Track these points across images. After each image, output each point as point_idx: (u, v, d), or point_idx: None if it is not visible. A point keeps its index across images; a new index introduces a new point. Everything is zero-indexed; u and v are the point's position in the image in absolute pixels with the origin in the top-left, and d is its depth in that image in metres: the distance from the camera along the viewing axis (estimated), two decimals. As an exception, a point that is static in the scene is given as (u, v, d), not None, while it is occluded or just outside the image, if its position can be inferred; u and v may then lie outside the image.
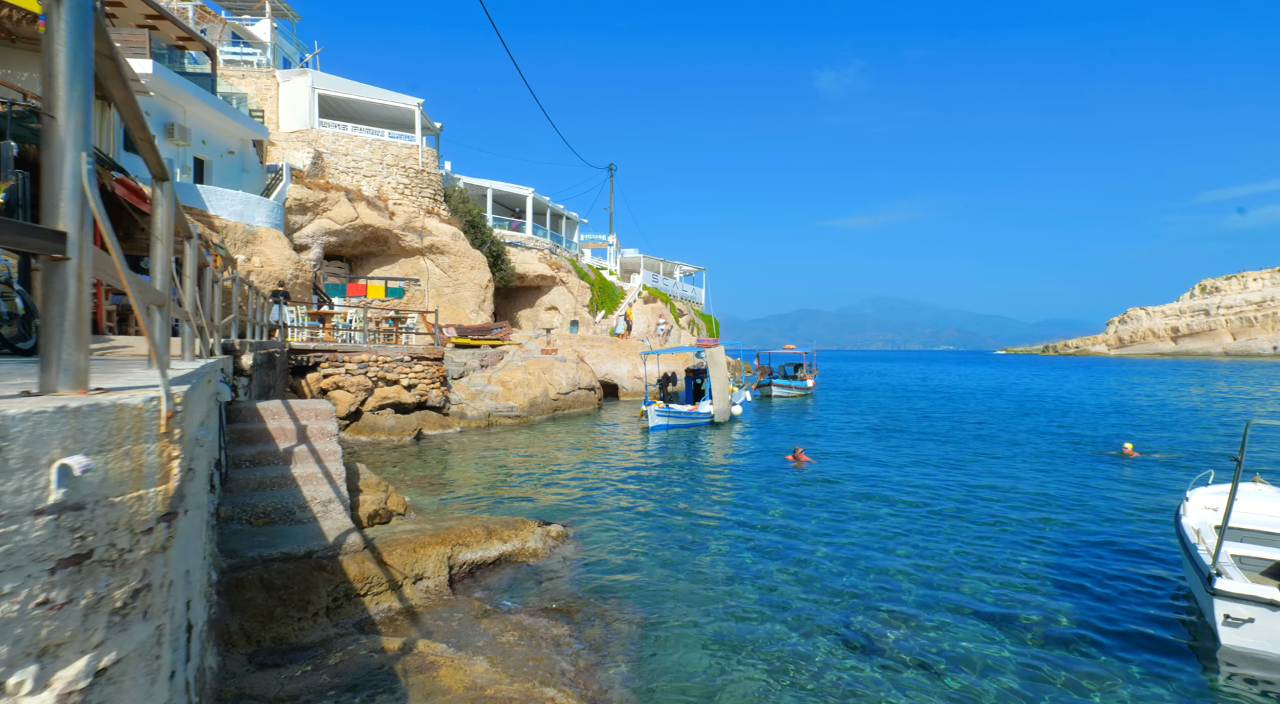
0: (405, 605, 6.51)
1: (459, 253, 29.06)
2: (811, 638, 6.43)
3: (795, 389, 35.51)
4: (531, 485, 12.94)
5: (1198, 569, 6.44)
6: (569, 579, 7.88)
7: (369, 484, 9.01)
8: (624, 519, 10.55)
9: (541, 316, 38.59)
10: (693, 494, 12.33)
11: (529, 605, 6.96)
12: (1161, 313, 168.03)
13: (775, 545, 9.24)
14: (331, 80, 26.92)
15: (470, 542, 8.04)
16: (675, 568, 8.29)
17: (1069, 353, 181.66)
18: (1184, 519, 7.61)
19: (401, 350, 19.02)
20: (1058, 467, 15.26)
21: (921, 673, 5.77)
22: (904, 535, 9.73)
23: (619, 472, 14.40)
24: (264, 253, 19.29)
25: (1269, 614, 5.71)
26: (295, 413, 8.34)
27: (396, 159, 27.87)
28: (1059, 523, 10.51)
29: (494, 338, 26.07)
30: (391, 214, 27.17)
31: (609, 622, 6.69)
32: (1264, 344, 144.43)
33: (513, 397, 22.24)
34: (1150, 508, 11.50)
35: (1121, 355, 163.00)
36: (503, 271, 33.52)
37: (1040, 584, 7.88)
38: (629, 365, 30.94)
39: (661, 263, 52.95)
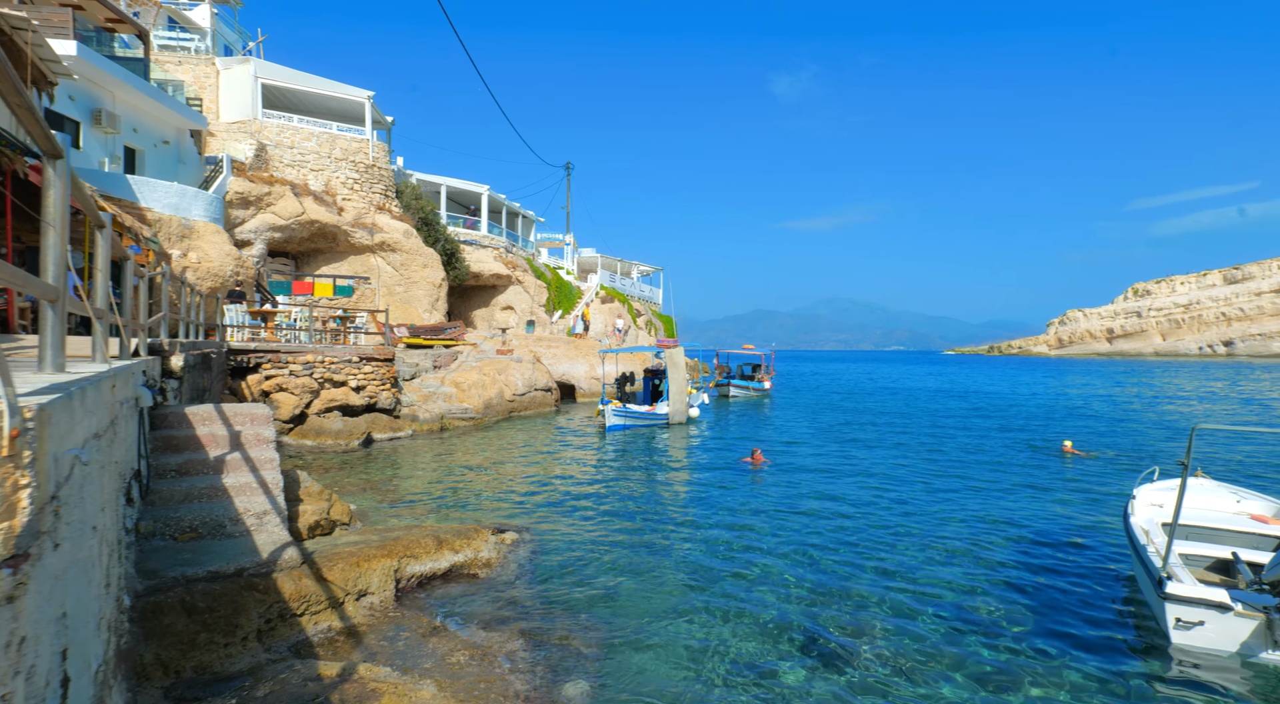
0: (347, 625, 6.08)
1: (411, 250, 28.26)
2: (772, 646, 6.24)
3: (753, 390, 35.65)
4: (486, 490, 12.52)
5: (1148, 571, 6.47)
6: (524, 590, 7.54)
7: (310, 493, 8.49)
8: (581, 524, 10.24)
9: (497, 316, 37.89)
10: (651, 497, 12.09)
11: (482, 620, 6.60)
12: (1098, 315, 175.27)
13: (734, 549, 9.06)
14: (276, 69, 25.85)
15: (419, 553, 7.62)
16: (634, 575, 8.02)
17: (1012, 353, 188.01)
18: (1132, 518, 7.68)
19: (350, 351, 18.30)
20: (1003, 466, 15.51)
21: (878, 678, 5.62)
22: (854, 544, 9.65)
23: (576, 475, 14.07)
24: (202, 248, 18.32)
25: (1218, 616, 5.75)
26: (229, 418, 7.79)
27: (346, 153, 26.93)
28: (1006, 523, 10.59)
29: (448, 338, 25.40)
30: (340, 210, 26.23)
31: (566, 634, 6.39)
32: (1190, 345, 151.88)
33: (467, 398, 21.67)
34: (1092, 505, 11.70)
35: (1061, 355, 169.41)
36: (457, 270, 32.77)
37: (991, 586, 7.86)
38: (586, 366, 30.57)
39: (619, 263, 52.68)
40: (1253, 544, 7.23)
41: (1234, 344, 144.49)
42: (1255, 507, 7.96)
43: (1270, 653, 5.69)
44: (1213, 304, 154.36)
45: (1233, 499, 8.14)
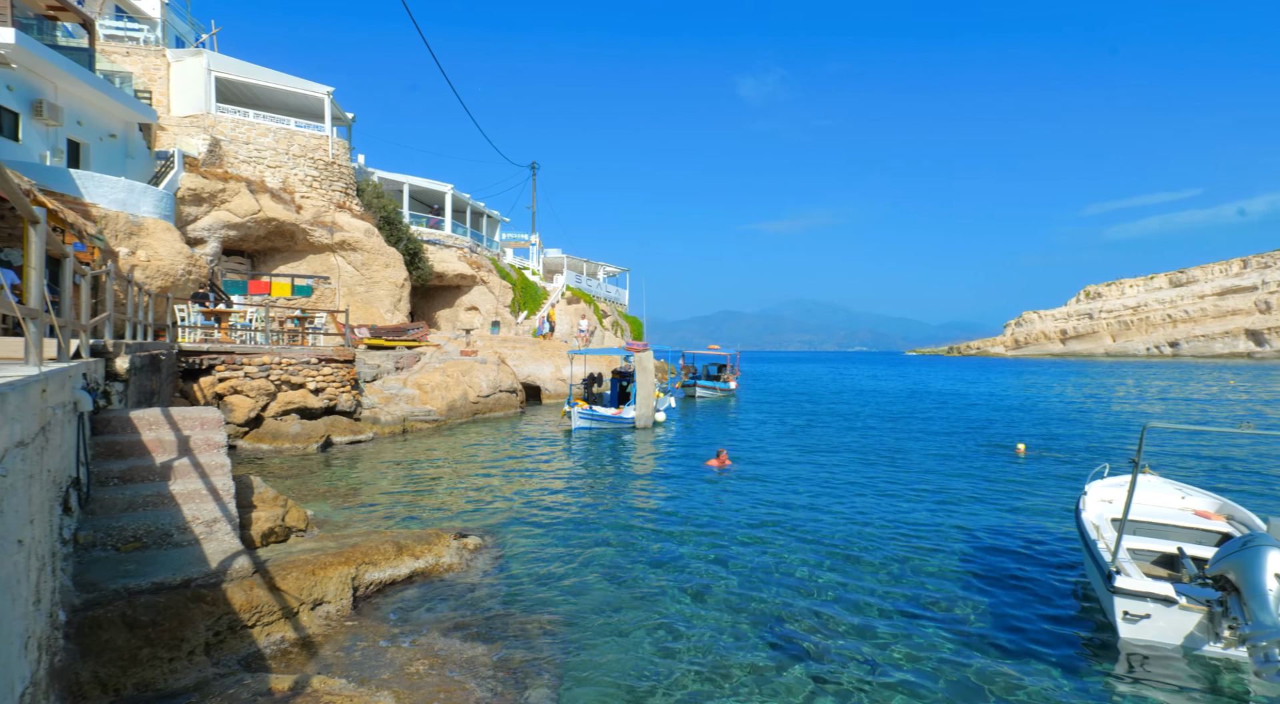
0: (301, 635, 5.89)
1: (373, 250, 27.72)
2: (736, 649, 6.23)
3: (718, 390, 35.83)
4: (449, 494, 12.31)
5: (1098, 566, 6.62)
6: (487, 595, 7.40)
7: (264, 499, 8.23)
8: (546, 528, 10.12)
9: (461, 317, 37.41)
10: (617, 500, 12.02)
11: (443, 627, 6.46)
12: (1052, 316, 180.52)
13: (700, 551, 9.04)
14: (230, 63, 25.11)
15: (378, 559, 7.44)
16: (599, 580, 7.94)
17: (971, 354, 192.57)
18: (1084, 514, 7.86)
19: (308, 352, 17.85)
20: (959, 466, 15.82)
21: (836, 675, 5.65)
22: (815, 543, 9.73)
23: (541, 478, 13.93)
24: (151, 246, 17.68)
25: (1164, 609, 5.91)
26: (177, 422, 7.50)
27: (304, 149, 26.29)
28: (961, 521, 10.78)
29: (410, 339, 24.97)
30: (299, 207, 25.60)
31: (530, 640, 6.29)
32: (1139, 346, 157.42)
33: (430, 400, 21.32)
34: (1044, 505, 11.99)
35: (1017, 356, 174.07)
36: (420, 270, 32.26)
37: (948, 584, 7.98)
38: (552, 367, 30.35)
39: (585, 263, 52.49)
40: (1197, 539, 7.46)
41: (1179, 345, 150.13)
42: (1200, 503, 8.23)
43: (1212, 646, 5.85)
44: (1159, 306, 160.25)
45: (1179, 496, 8.40)
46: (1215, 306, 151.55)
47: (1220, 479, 14.08)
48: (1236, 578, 5.58)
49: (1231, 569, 5.66)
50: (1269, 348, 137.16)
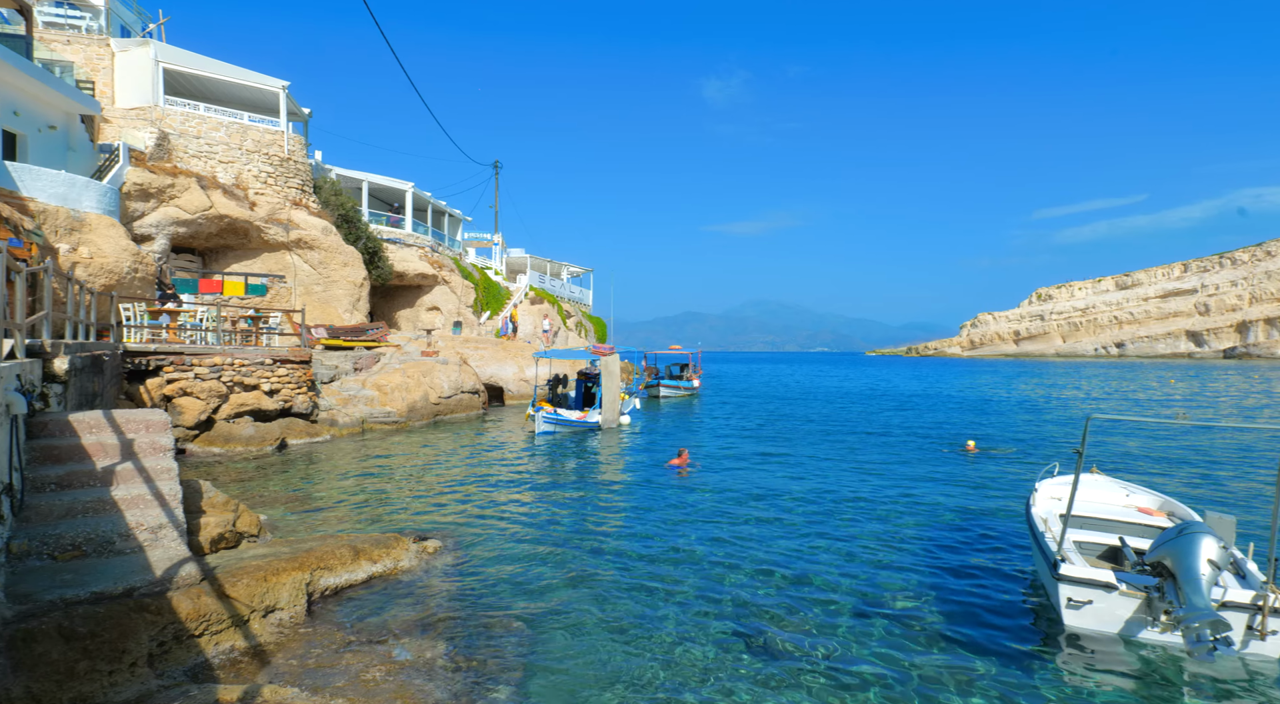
0: (253, 644, 5.71)
1: (330, 248, 27.10)
2: (697, 642, 6.24)
3: (682, 389, 35.96)
4: (409, 497, 12.09)
5: (1045, 556, 6.82)
6: (447, 598, 7.28)
7: (214, 503, 7.96)
8: (508, 530, 10.01)
9: (422, 317, 36.84)
10: (580, 502, 11.95)
11: (401, 632, 6.32)
12: (1006, 317, 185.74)
13: (661, 551, 9.04)
14: (180, 54, 24.28)
15: (334, 564, 7.26)
16: (562, 582, 7.87)
17: (929, 354, 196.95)
18: (1034, 509, 8.09)
19: (263, 352, 17.37)
20: (914, 465, 16.13)
21: (794, 670, 5.70)
22: (773, 540, 9.82)
23: (504, 480, 13.78)
24: (94, 242, 16.98)
25: (1105, 596, 6.10)
26: (120, 425, 7.21)
27: (258, 145, 25.57)
28: (916, 520, 10.97)
29: (369, 339, 24.49)
30: (253, 204, 24.89)
31: (492, 641, 6.20)
32: (1087, 346, 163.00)
33: (390, 401, 20.94)
34: (994, 501, 12.29)
35: (973, 356, 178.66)
36: (380, 269, 31.67)
37: (903, 577, 8.12)
38: (515, 367, 30.09)
39: (549, 263, 52.20)
40: (1139, 533, 7.74)
41: (1125, 346, 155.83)
42: (1142, 500, 8.54)
43: (1150, 629, 6.06)
44: (1106, 308, 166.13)
45: (1123, 493, 8.71)
46: (1158, 309, 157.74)
47: (1159, 471, 14.63)
48: (1172, 564, 5.79)
49: (1168, 556, 5.87)
50: (1208, 348, 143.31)
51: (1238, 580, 6.07)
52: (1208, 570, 5.57)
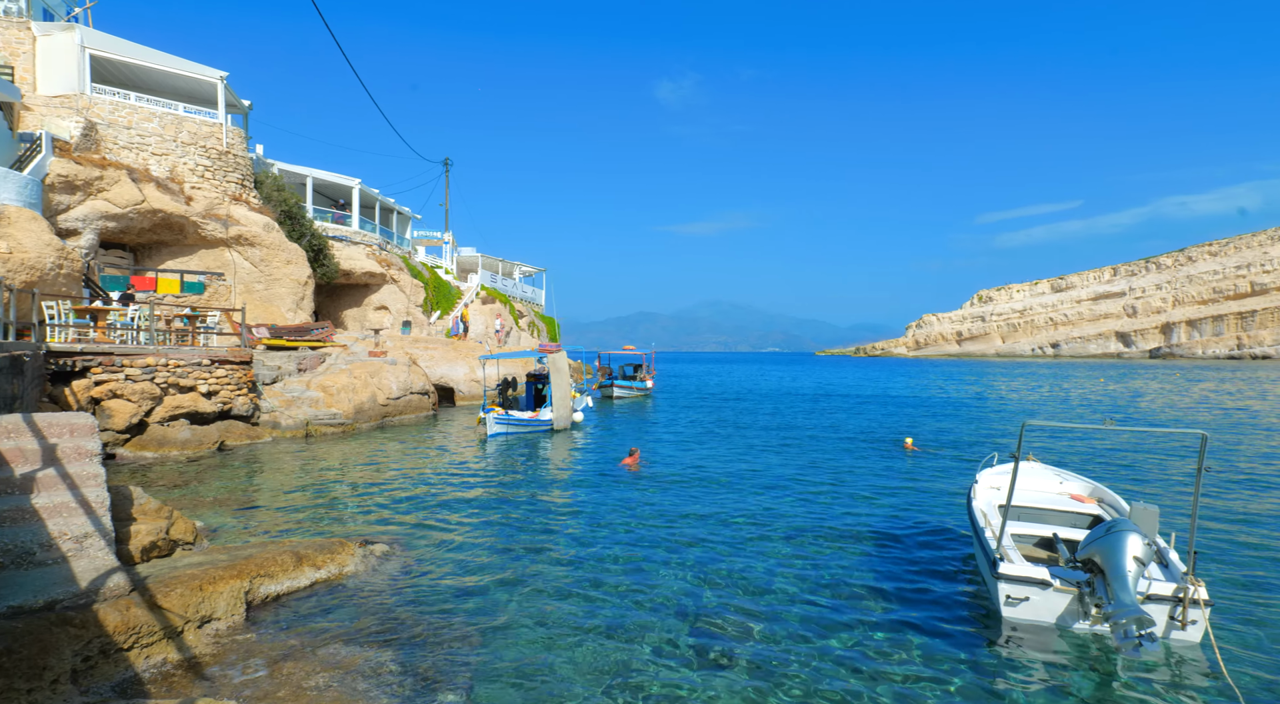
0: (187, 656, 5.48)
1: (272, 245, 26.22)
2: (648, 645, 6.24)
3: (635, 390, 36.01)
4: (355, 500, 11.78)
5: (985, 553, 7.06)
6: (395, 603, 7.12)
7: (146, 510, 7.61)
8: (459, 534, 9.85)
9: (370, 317, 35.98)
10: (531, 506, 11.84)
11: (346, 638, 6.16)
12: (949, 319, 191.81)
13: (612, 552, 9.01)
14: (109, 40, 23.14)
15: (275, 571, 7.03)
16: (513, 586, 7.78)
17: (876, 354, 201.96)
18: (974, 502, 8.36)
19: (199, 352, 16.69)
20: (858, 462, 16.52)
21: (739, 669, 5.77)
22: (719, 541, 9.92)
23: (454, 482, 13.56)
24: (13, 236, 16.04)
25: (1040, 592, 6.36)
26: (42, 429, 6.83)
27: (195, 137, 24.55)
28: (858, 516, 11.23)
29: (314, 339, 23.79)
30: (189, 199, 23.90)
31: (441, 646, 6.09)
32: (1025, 346, 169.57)
33: (335, 403, 20.38)
34: (930, 498, 12.67)
35: (918, 356, 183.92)
36: (325, 267, 30.80)
37: (847, 574, 8.29)
38: (466, 368, 29.65)
39: (500, 263, 51.61)
40: (1071, 523, 8.07)
41: (1060, 346, 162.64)
42: (1075, 487, 8.92)
43: (1082, 623, 6.35)
44: (1043, 310, 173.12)
45: (1057, 481, 9.09)
46: (1090, 311, 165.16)
47: (1093, 465, 15.31)
48: (1101, 561, 6.07)
49: (1097, 553, 6.15)
50: (1135, 348, 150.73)
51: (1161, 571, 6.39)
52: (1134, 567, 5.84)
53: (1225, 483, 13.62)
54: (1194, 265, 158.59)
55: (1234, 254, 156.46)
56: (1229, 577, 8.07)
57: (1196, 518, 6.14)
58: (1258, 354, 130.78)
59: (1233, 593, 7.56)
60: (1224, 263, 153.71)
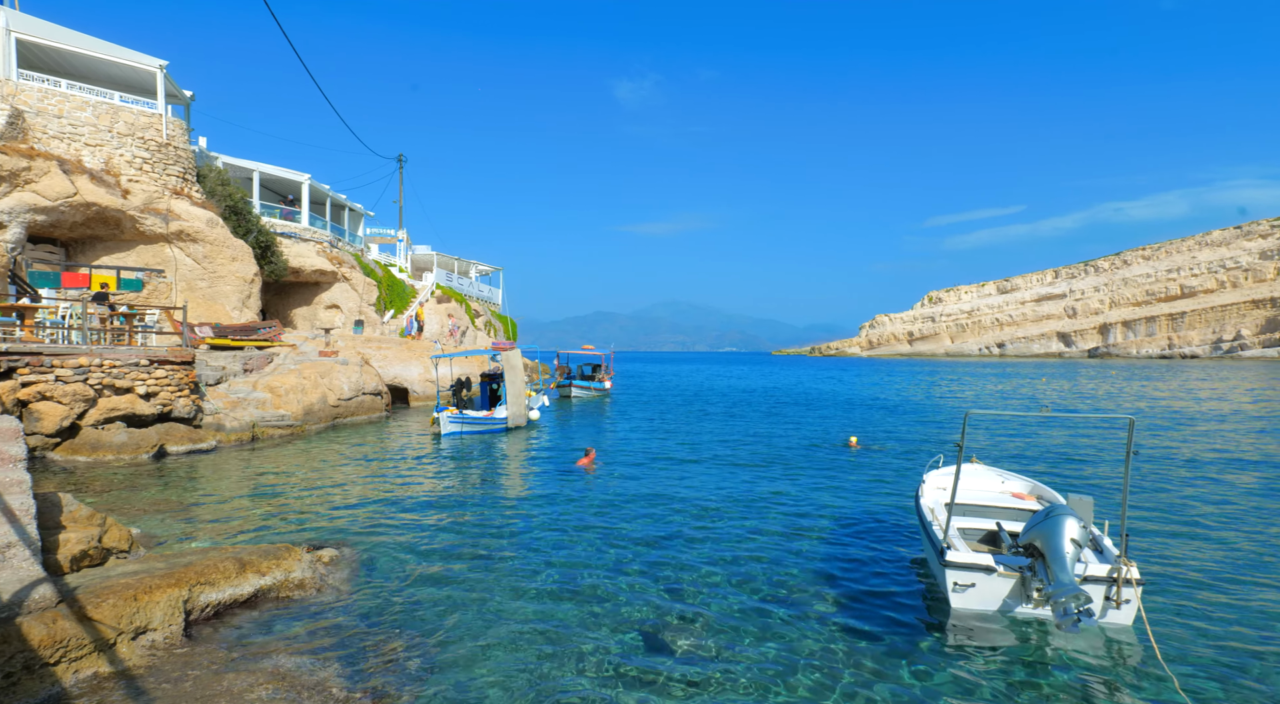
0: (120, 669, 5.24)
1: (217, 241, 25.33)
2: (606, 650, 6.22)
3: (594, 390, 35.92)
4: (303, 504, 11.45)
5: (933, 544, 7.27)
6: (344, 611, 6.94)
7: (76, 518, 7.26)
8: (412, 538, 9.65)
9: (321, 315, 35.07)
10: (487, 507, 11.68)
11: (292, 648, 5.97)
12: (901, 319, 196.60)
13: (566, 557, 8.93)
14: (36, 24, 22.03)
15: (216, 579, 6.77)
16: (467, 590, 7.65)
17: (831, 354, 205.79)
18: (922, 500, 8.60)
19: (137, 352, 16.02)
20: (807, 460, 16.78)
21: (702, 668, 5.80)
22: (672, 539, 9.96)
23: (407, 485, 13.30)
24: (-67, 230, 15.15)
25: (986, 577, 6.58)
26: (-40, 433, 6.44)
27: (132, 128, 23.55)
28: (805, 514, 11.32)
29: (261, 338, 23.07)
30: (126, 192, 22.91)
31: (391, 655, 5.95)
32: (973, 346, 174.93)
33: (284, 404, 19.80)
34: (874, 493, 12.94)
35: (871, 356, 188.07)
36: (273, 265, 29.91)
37: (797, 570, 8.39)
38: (420, 368, 29.15)
39: (456, 261, 50.90)
40: (1013, 518, 8.37)
41: (1005, 346, 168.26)
42: (1016, 486, 9.24)
43: (1025, 606, 6.60)
44: (989, 311, 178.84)
45: (999, 481, 9.40)
46: (1034, 312, 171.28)
47: (1031, 460, 15.88)
48: (1042, 545, 6.33)
49: (1038, 537, 6.41)
50: (1075, 348, 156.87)
51: (1096, 556, 6.67)
52: (1071, 549, 6.12)
53: (1155, 473, 14.27)
54: (1129, 269, 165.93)
55: (1165, 258, 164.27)
56: (1159, 558, 8.45)
57: (1127, 500, 6.42)
58: (1186, 353, 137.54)
59: (1163, 572, 7.92)
60: (1156, 266, 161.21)
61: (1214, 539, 9.61)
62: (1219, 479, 13.88)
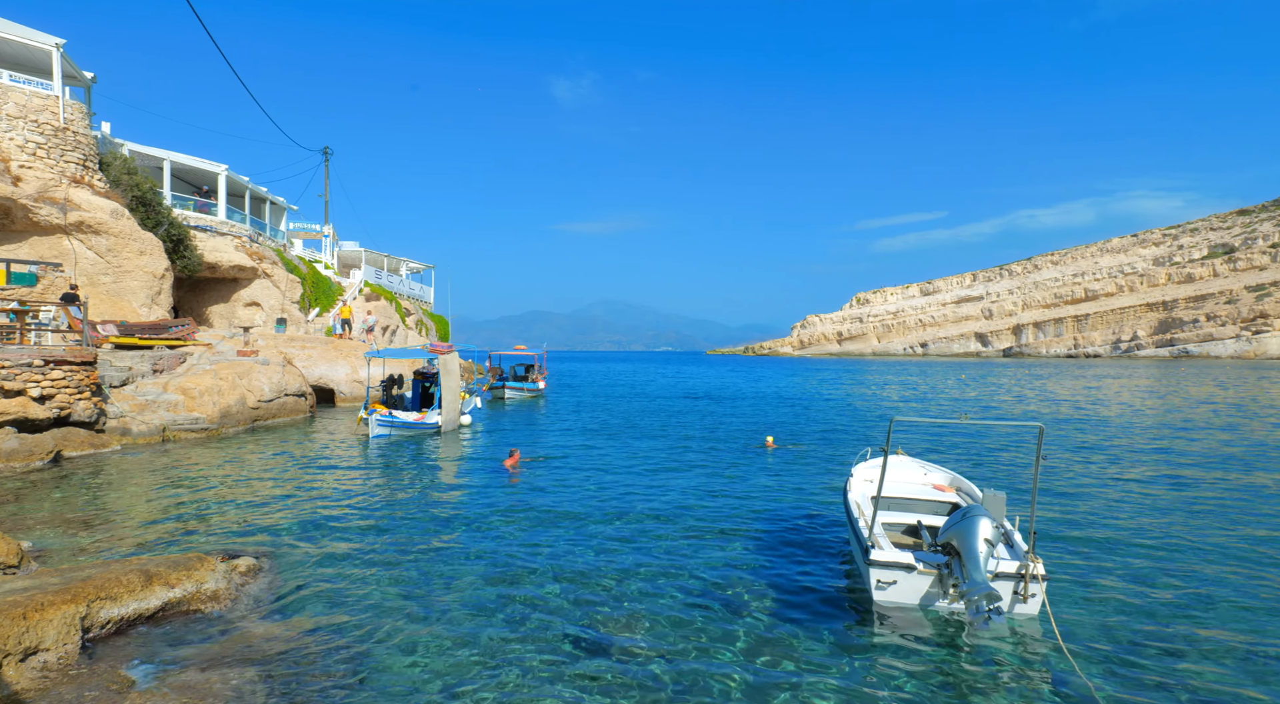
0: (6, 693, 4.84)
1: (122, 234, 23.76)
2: (535, 655, 6.14)
3: (527, 390, 35.52)
4: (220, 512, 10.87)
5: (859, 542, 7.51)
6: (261, 622, 6.62)
7: (-43, 532, 6.67)
8: (336, 545, 9.28)
9: (240, 313, 33.41)
10: (416, 511, 11.35)
11: (202, 664, 5.65)
12: (830, 319, 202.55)
13: (496, 560, 8.73)
14: (-85, -7, 20.18)
15: (119, 593, 6.35)
16: (392, 597, 7.40)
17: (764, 353, 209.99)
18: (850, 495, 8.86)
19: (29, 352, 14.87)
20: (727, 459, 16.94)
21: (626, 666, 5.81)
22: (600, 536, 9.96)
23: (332, 489, 12.81)
24: None
25: (906, 575, 6.84)
26: None
27: (24, 110, 21.83)
28: (727, 514, 11.43)
29: (173, 337, 21.81)
30: (17, 179, 21.23)
31: (313, 668, 5.71)
32: (898, 346, 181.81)
33: (199, 406, 18.77)
34: (791, 492, 13.23)
35: (802, 355, 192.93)
36: (187, 260, 28.30)
37: (722, 568, 8.51)
38: (348, 368, 28.16)
39: (386, 258, 49.43)
40: (934, 510, 8.72)
41: (928, 345, 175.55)
42: (937, 478, 9.63)
43: (942, 602, 6.88)
44: (913, 312, 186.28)
45: (921, 472, 9.77)
46: (954, 313, 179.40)
47: (952, 456, 16.62)
48: (958, 544, 6.63)
49: (954, 537, 6.71)
50: (991, 348, 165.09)
51: (1007, 550, 7.01)
52: (984, 548, 6.44)
53: (1061, 470, 15.16)
54: (1040, 273, 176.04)
55: (1071, 263, 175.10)
56: (1063, 552, 8.98)
57: (1036, 501, 6.79)
58: (1090, 353, 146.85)
59: (1066, 566, 8.41)
60: (1063, 271, 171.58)
61: (1113, 531, 10.27)
62: (1119, 477, 14.85)
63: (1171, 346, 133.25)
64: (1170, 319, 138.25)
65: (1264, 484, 13.40)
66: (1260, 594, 7.54)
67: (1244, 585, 7.81)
